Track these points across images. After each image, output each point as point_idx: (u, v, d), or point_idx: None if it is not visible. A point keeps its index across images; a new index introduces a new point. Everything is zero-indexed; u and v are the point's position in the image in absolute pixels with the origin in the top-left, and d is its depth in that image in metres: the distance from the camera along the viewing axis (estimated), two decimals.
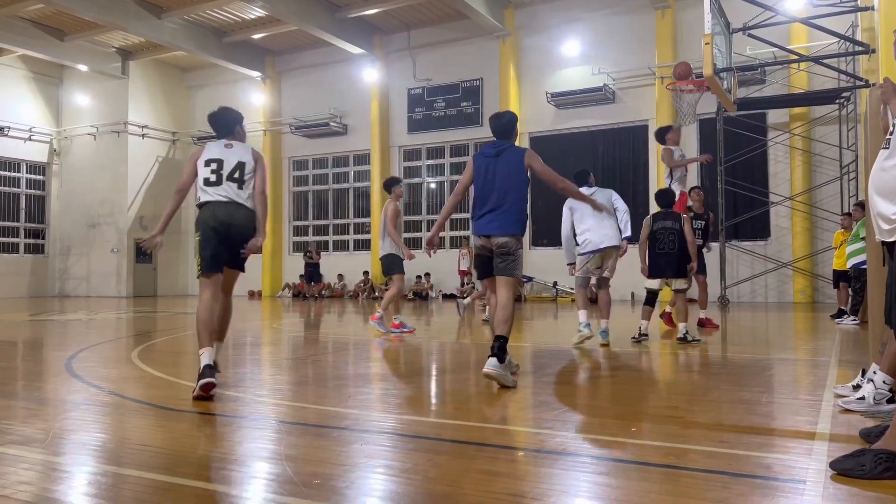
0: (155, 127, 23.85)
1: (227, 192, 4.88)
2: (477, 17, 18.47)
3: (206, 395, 4.48)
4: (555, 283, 18.65)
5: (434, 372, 6.30)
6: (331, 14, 19.29)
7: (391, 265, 9.18)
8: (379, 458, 3.20)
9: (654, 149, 16.61)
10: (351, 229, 22.69)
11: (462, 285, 19.07)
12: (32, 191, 24.09)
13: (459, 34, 20.28)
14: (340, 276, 21.52)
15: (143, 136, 23.44)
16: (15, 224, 23.36)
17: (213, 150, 5.04)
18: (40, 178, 24.30)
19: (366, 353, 7.75)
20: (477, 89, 20.19)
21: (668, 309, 9.74)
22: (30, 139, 23.53)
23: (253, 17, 20.07)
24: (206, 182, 4.88)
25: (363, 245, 22.24)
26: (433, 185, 21.32)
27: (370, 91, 21.44)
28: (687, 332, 7.79)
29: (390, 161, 21.46)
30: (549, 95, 18.74)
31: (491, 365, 4.87)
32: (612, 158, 18.67)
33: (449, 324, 11.75)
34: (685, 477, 2.83)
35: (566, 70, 19.05)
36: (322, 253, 21.47)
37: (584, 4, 18.63)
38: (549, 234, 19.07)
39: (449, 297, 19.67)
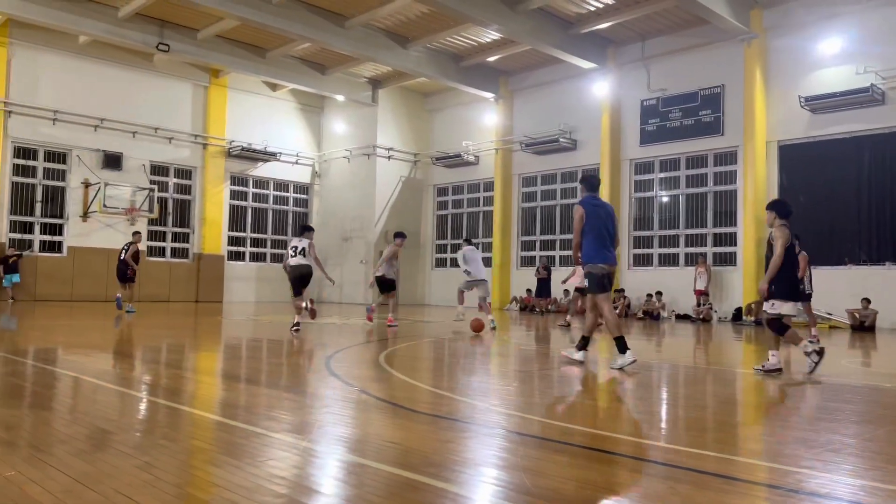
0: (399, 149, 25.82)
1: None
2: (719, 22, 17.40)
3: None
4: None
5: (665, 395, 6.00)
6: (563, 31, 19.43)
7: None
8: (614, 479, 3.11)
9: None
10: None
11: (698, 304, 17.96)
12: (298, 208, 27.33)
13: (698, 40, 19.24)
14: (567, 292, 21.42)
15: (388, 157, 25.49)
16: (283, 237, 26.63)
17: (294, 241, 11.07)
18: (304, 196, 27.50)
19: (595, 370, 7.61)
20: (717, 97, 18.97)
21: None
22: (297, 163, 26.76)
23: (488, 40, 20.91)
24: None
25: None
26: (666, 199, 20.41)
27: (601, 105, 21.17)
28: None
29: (620, 175, 20.97)
30: (802, 100, 17.01)
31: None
32: (881, 168, 16.38)
33: (682, 345, 11.12)
34: None
35: (823, 71, 17.15)
36: (551, 268, 21.48)
37: None
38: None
39: (682, 317, 18.62)
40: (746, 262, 17.81)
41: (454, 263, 25.68)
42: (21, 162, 20.48)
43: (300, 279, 11.18)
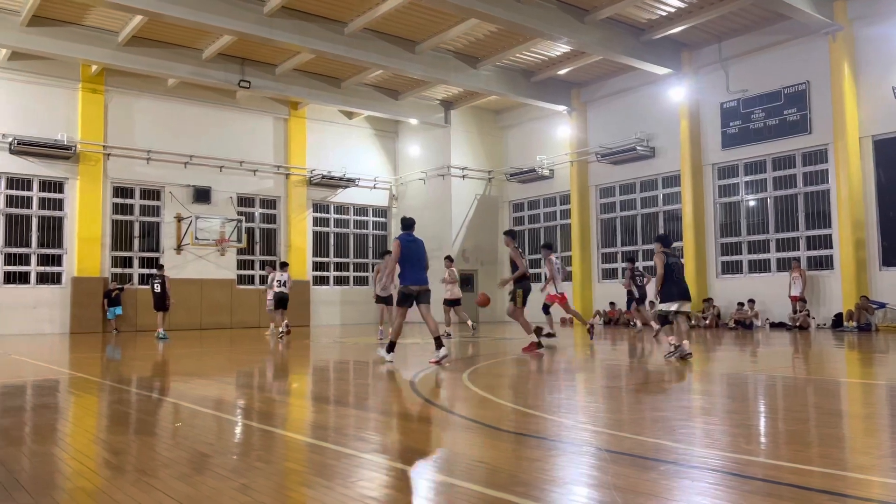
0: (473, 168, 25.97)
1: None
2: (800, 16, 16.71)
3: None
4: None
5: (763, 409, 5.73)
6: (635, 38, 19.12)
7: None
8: (711, 496, 2.99)
9: None
10: None
11: (794, 311, 17.11)
12: (377, 231, 27.87)
13: (778, 37, 18.52)
14: (652, 304, 20.83)
15: (463, 176, 25.68)
16: (365, 260, 27.20)
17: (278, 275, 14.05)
18: (383, 220, 28.03)
19: (686, 384, 7.36)
20: (803, 94, 18.16)
21: None
22: (374, 187, 27.35)
23: (558, 53, 20.82)
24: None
25: None
26: (752, 203, 19.63)
27: (678, 110, 20.65)
28: None
29: (703, 180, 20.34)
30: (895, 91, 16.07)
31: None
32: None
33: (779, 355, 10.61)
34: None
35: None
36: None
37: None
38: None
39: (777, 325, 17.78)
40: (844, 264, 16.88)
41: (534, 279, 25.57)
42: (119, 200, 21.81)
43: (281, 302, 16.51)
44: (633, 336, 15.65)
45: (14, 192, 20.17)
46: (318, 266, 25.82)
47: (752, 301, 18.36)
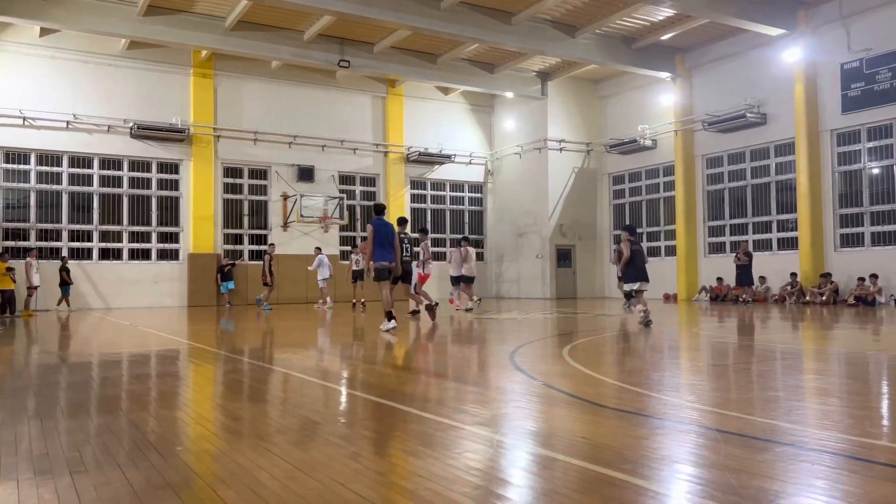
0: (571, 140, 25.46)
1: None
2: None
3: None
4: None
5: (886, 390, 5.37)
6: None
7: None
8: (832, 480, 2.85)
9: None
10: (773, 227, 20.79)
11: None
12: (473, 207, 27.94)
13: None
14: (763, 279, 19.87)
15: (560, 149, 25.24)
16: (470, 235, 27.28)
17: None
18: (478, 195, 28.05)
19: (797, 363, 7.00)
20: None
21: None
22: (470, 163, 27.38)
23: (661, 18, 19.95)
24: None
25: (788, 244, 20.18)
26: (877, 171, 18.24)
27: (793, 73, 19.37)
28: None
29: (820, 147, 19.05)
30: None
31: None
32: None
33: None
34: None
35: None
36: (752, 253, 19.82)
37: None
38: None
39: None
40: None
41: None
42: (230, 181, 22.95)
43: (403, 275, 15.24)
44: (742, 312, 15.00)
45: (136, 175, 21.63)
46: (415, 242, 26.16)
47: (874, 276, 17.16)
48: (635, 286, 11.35)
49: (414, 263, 13.95)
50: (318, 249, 19.77)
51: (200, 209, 22.03)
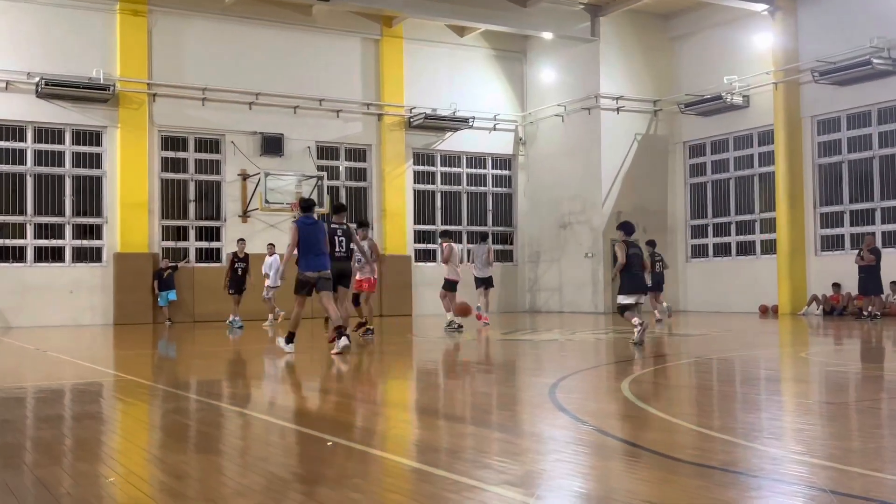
0: (632, 97, 25.38)
1: None
2: None
3: None
4: None
5: None
6: None
7: None
8: None
9: None
10: None
11: None
12: (499, 188, 27.92)
13: None
14: (894, 286, 19.73)
15: (617, 110, 25.19)
16: (481, 228, 27.32)
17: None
18: (506, 172, 28.04)
19: None
20: None
21: None
22: (494, 129, 27.35)
23: None
24: None
25: None
26: None
27: None
28: None
29: None
30: None
31: None
32: None
33: None
34: None
35: None
36: (880, 251, 19.60)
37: None
38: None
39: None
40: None
41: (720, 251, 24.90)
42: (170, 154, 23.05)
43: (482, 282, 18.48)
44: (867, 330, 14.90)
45: (43, 147, 21.73)
46: (420, 237, 26.23)
47: None
48: (631, 300, 11.66)
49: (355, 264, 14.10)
50: (272, 247, 19.88)
51: (130, 194, 22.13)
